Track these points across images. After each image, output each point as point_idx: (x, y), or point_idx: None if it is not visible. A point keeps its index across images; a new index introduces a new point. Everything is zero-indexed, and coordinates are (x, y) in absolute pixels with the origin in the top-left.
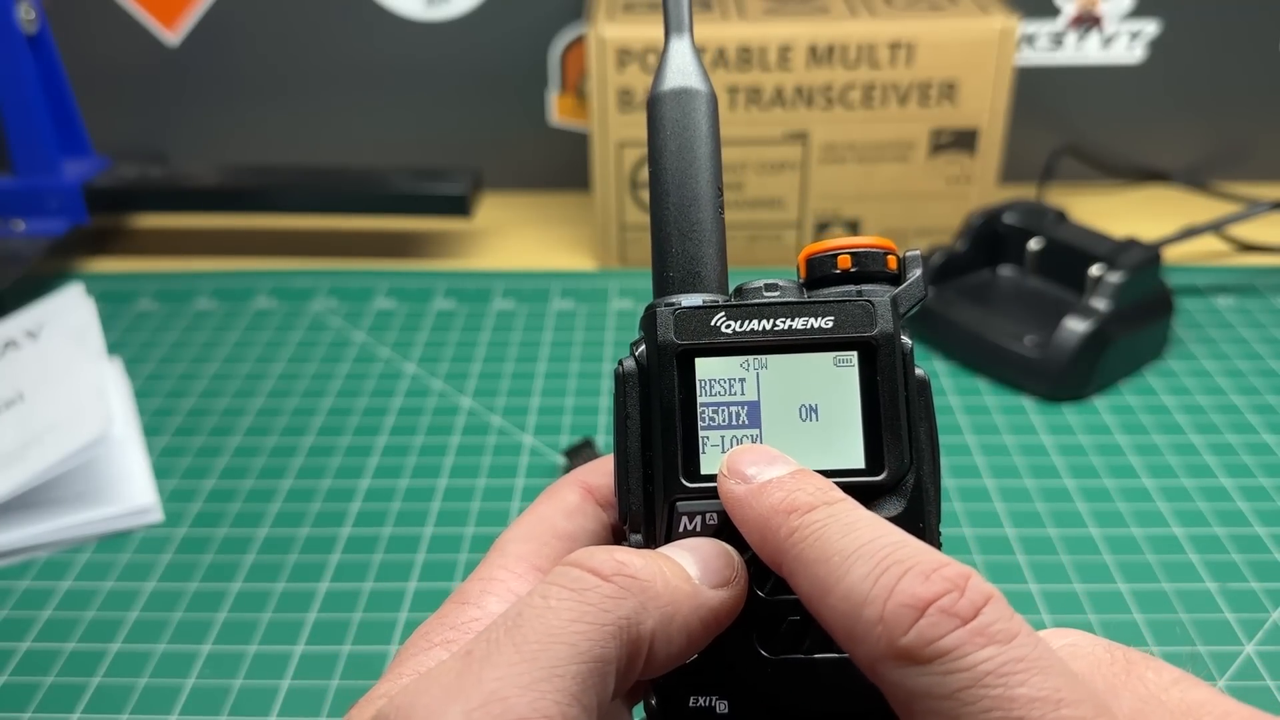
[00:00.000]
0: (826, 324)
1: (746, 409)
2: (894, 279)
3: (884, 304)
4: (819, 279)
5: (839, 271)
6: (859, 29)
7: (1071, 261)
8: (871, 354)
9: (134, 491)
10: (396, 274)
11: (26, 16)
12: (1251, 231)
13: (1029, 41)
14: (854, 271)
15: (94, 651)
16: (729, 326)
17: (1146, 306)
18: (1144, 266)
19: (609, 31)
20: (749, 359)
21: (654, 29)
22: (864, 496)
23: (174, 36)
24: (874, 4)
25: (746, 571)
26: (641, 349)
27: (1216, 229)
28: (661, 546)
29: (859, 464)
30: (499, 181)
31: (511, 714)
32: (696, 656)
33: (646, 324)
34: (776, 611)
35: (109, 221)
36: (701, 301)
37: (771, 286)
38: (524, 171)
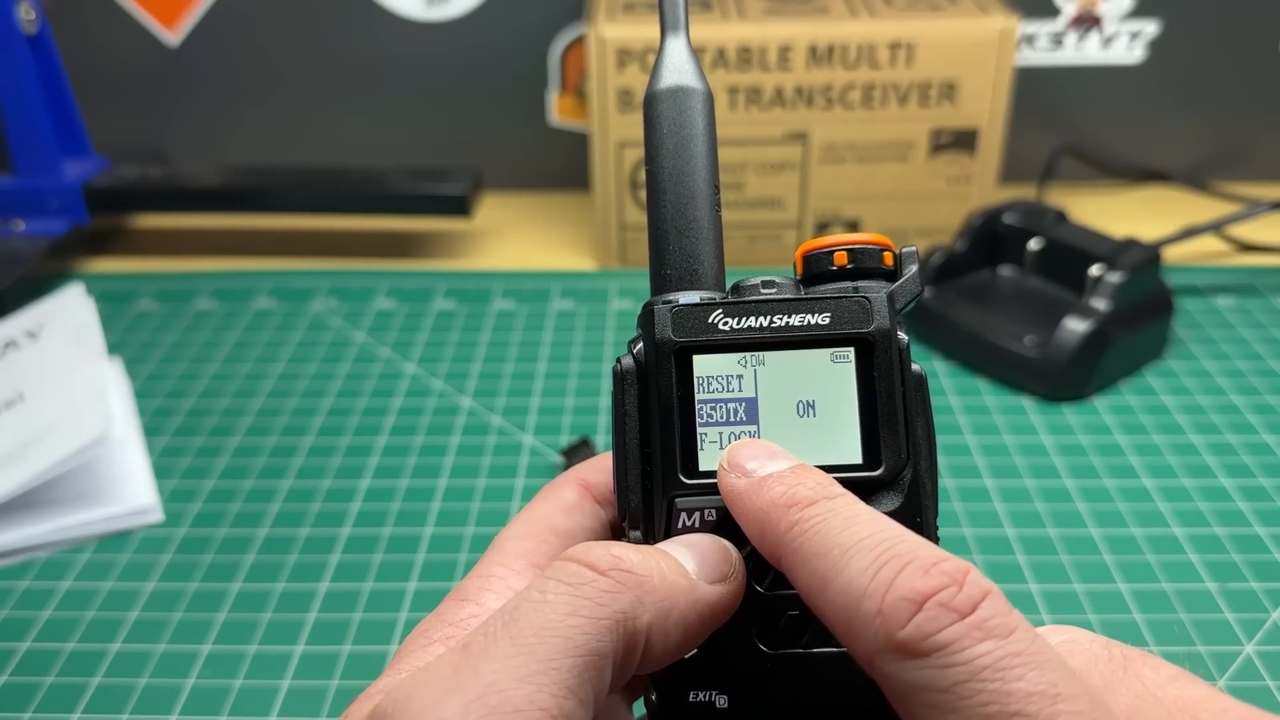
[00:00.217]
0: (823, 320)
1: (744, 405)
2: (890, 275)
3: (880, 300)
4: (816, 276)
5: (835, 268)
6: (859, 29)
7: (1071, 261)
8: (868, 350)
9: (134, 491)
10: (396, 274)
11: (26, 16)
12: (1251, 231)
13: (1029, 42)
14: (850, 268)
15: (94, 651)
16: (726, 323)
17: (1146, 306)
18: (1144, 266)
19: (609, 31)
20: (746, 356)
21: (654, 29)
22: (861, 491)
23: (174, 36)
24: (874, 4)
25: (744, 567)
26: (639, 346)
27: (1216, 229)
28: (659, 542)
29: (856, 459)
30: (499, 181)
31: (507, 706)
32: (696, 652)
33: (644, 321)
34: (775, 606)
35: (109, 221)
36: (699, 299)
37: (769, 283)
38: (524, 171)
